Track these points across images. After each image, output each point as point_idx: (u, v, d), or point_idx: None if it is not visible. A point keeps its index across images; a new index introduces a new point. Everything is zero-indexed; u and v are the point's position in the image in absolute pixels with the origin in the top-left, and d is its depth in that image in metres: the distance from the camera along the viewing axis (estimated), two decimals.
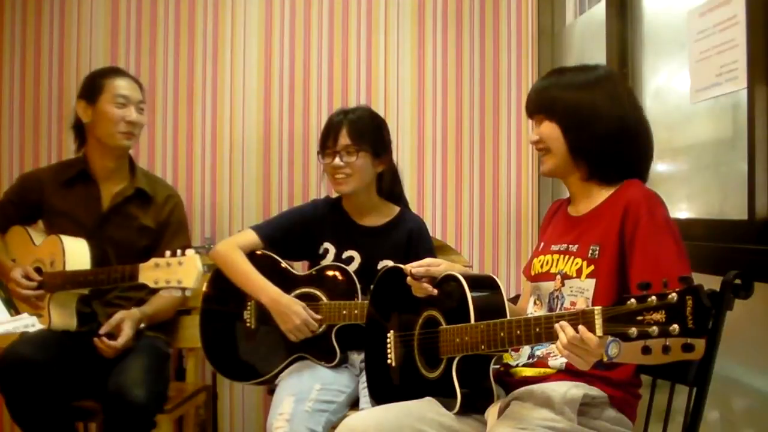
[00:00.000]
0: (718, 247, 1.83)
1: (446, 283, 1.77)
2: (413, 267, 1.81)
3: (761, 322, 1.73)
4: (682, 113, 2.15)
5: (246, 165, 3.06)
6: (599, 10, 2.60)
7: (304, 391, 2.11)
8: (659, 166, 2.33)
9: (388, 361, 1.92)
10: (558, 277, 1.67)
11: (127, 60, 3.00)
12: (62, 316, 2.26)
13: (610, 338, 1.31)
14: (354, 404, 2.21)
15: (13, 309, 2.34)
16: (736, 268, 1.50)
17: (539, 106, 1.74)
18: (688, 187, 2.21)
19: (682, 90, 2.06)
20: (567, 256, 1.68)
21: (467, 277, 1.70)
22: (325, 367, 2.21)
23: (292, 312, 2.19)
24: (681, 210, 2.20)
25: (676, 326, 1.19)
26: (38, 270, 2.34)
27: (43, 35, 3.03)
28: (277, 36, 3.07)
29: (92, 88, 2.43)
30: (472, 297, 1.65)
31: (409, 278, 1.81)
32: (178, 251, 2.08)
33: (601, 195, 1.70)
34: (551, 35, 3.09)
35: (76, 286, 2.24)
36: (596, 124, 1.66)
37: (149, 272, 2.09)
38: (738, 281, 1.49)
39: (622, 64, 2.40)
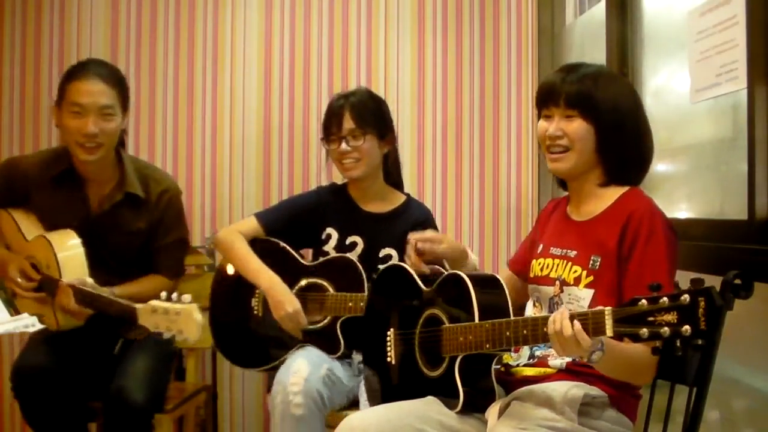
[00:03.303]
0: (718, 247, 1.83)
1: (450, 282, 1.76)
2: (417, 238, 1.81)
3: (761, 322, 1.73)
4: (682, 113, 2.15)
5: (246, 161, 3.06)
6: (599, 10, 2.60)
7: (318, 362, 2.12)
8: (659, 166, 2.33)
9: (388, 359, 1.92)
10: (557, 282, 1.67)
11: (127, 55, 3.00)
12: (69, 317, 2.21)
13: (599, 345, 1.35)
14: (352, 404, 2.21)
15: (13, 309, 2.34)
16: (736, 268, 1.50)
17: (577, 102, 1.64)
18: (688, 187, 2.21)
19: (682, 90, 2.05)
20: (566, 262, 1.67)
21: (471, 277, 1.69)
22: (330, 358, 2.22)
23: (287, 300, 2.20)
24: (681, 210, 2.20)
25: (688, 327, 1.19)
26: (33, 267, 2.28)
27: (43, 34, 3.02)
28: (277, 33, 3.07)
29: (59, 90, 2.24)
30: (477, 296, 1.65)
31: (410, 249, 1.81)
32: (174, 296, 1.95)
33: (604, 201, 1.69)
34: (551, 35, 3.09)
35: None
36: (626, 125, 1.66)
37: (148, 316, 1.97)
38: (738, 281, 1.49)
39: (622, 64, 2.40)
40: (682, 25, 2.02)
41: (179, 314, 1.93)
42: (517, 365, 1.70)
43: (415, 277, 1.87)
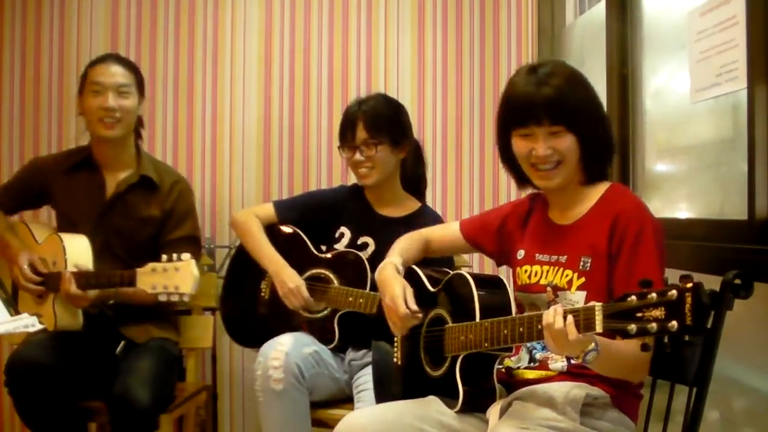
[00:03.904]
0: (718, 247, 1.82)
1: (454, 282, 1.76)
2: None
3: (761, 322, 1.73)
4: (682, 113, 2.14)
5: (246, 160, 3.06)
6: (599, 10, 2.60)
7: (305, 342, 2.19)
8: (659, 166, 2.33)
9: (394, 359, 1.91)
10: (548, 289, 1.66)
11: (127, 54, 2.99)
12: (67, 316, 2.24)
13: (593, 345, 1.35)
14: (345, 400, 2.24)
15: (13, 309, 2.34)
16: (736, 268, 1.50)
17: (562, 118, 1.59)
18: (688, 187, 2.21)
19: (682, 90, 2.05)
20: (556, 267, 1.66)
21: (475, 277, 1.69)
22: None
23: (289, 278, 2.26)
24: (681, 210, 2.20)
25: (674, 323, 1.19)
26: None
27: (43, 31, 3.03)
28: (277, 32, 3.07)
29: (81, 80, 2.40)
30: (479, 296, 1.64)
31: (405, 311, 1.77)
32: (174, 256, 2.05)
33: (588, 200, 1.68)
34: (551, 35, 3.09)
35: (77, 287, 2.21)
36: (600, 125, 1.66)
37: (147, 277, 2.06)
38: (738, 281, 1.49)
39: (622, 64, 2.40)
40: (682, 25, 2.02)
41: (178, 270, 2.03)
42: (518, 368, 1.70)
43: (423, 278, 1.87)
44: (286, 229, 2.41)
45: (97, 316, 2.31)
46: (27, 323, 1.99)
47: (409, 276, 1.89)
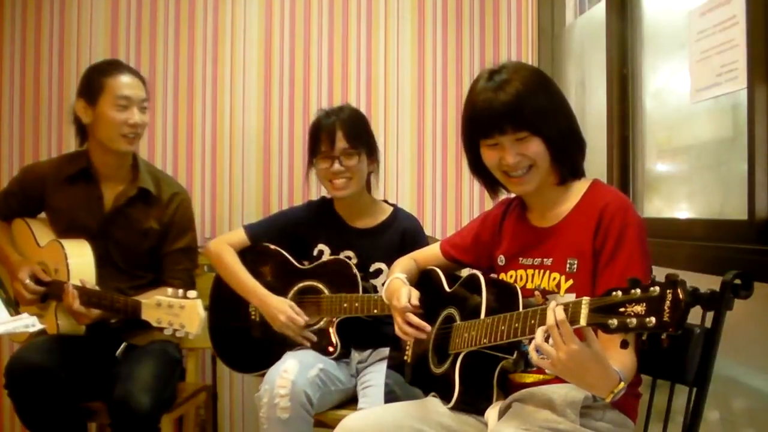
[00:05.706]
0: (718, 247, 1.82)
1: (468, 282, 1.76)
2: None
3: (761, 322, 1.73)
4: (682, 113, 2.14)
5: (246, 164, 3.06)
6: (599, 10, 2.59)
7: (309, 362, 2.14)
8: (659, 166, 2.33)
9: (405, 357, 1.92)
10: (536, 293, 1.65)
11: (127, 55, 3.01)
12: (70, 323, 2.24)
13: (622, 385, 1.36)
14: (350, 402, 2.22)
15: (13, 309, 2.34)
16: (736, 268, 1.50)
17: (525, 123, 1.58)
18: (688, 187, 2.20)
19: (682, 90, 2.05)
20: (542, 271, 1.65)
21: (488, 279, 1.69)
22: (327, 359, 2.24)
23: (278, 311, 2.22)
24: (681, 210, 2.20)
25: (652, 318, 1.19)
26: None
27: (43, 32, 3.03)
28: (277, 33, 3.07)
29: (92, 86, 2.29)
30: (487, 297, 1.64)
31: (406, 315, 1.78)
32: (180, 291, 2.04)
33: (569, 200, 1.67)
34: (551, 35, 3.09)
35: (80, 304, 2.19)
36: (566, 122, 1.65)
37: (152, 311, 2.05)
38: (738, 281, 1.48)
39: (622, 64, 2.40)
40: (682, 25, 2.02)
41: (183, 308, 2.01)
42: (515, 371, 1.69)
43: (443, 278, 1.87)
44: (266, 248, 2.35)
45: (98, 324, 2.29)
46: (27, 323, 1.99)
47: (429, 276, 1.90)
